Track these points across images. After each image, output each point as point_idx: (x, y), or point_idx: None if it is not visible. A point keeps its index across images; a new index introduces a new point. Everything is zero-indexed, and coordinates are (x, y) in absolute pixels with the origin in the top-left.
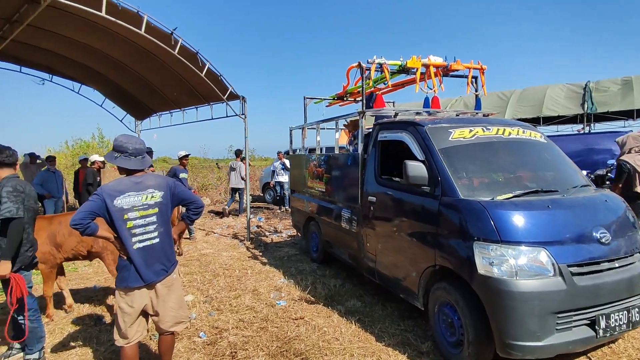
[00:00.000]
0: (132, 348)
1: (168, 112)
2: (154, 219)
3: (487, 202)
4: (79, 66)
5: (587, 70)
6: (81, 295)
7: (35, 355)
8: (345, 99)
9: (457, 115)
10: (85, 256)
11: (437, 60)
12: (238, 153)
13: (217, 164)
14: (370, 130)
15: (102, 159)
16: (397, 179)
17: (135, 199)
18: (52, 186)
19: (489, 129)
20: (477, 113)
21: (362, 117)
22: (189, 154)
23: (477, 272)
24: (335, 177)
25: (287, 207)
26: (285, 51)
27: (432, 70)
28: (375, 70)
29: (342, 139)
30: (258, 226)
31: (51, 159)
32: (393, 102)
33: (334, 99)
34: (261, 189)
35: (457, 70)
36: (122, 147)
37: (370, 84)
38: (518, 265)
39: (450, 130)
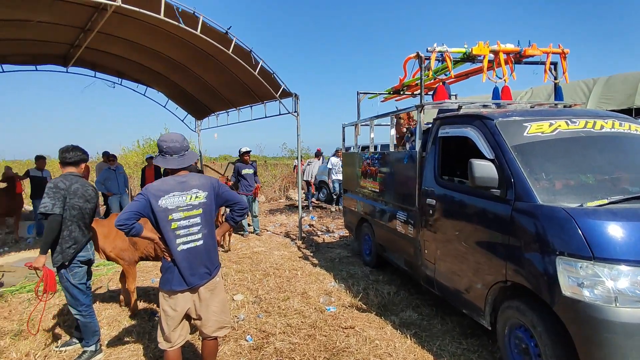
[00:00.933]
0: (175, 352)
1: (225, 111)
2: (197, 220)
3: (575, 209)
4: (145, 69)
5: None
6: (139, 289)
7: (92, 348)
8: (402, 92)
9: (531, 107)
10: (155, 257)
11: (508, 46)
12: (317, 153)
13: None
14: (430, 125)
15: None
16: (460, 179)
17: (180, 199)
18: (112, 184)
19: (575, 122)
20: (556, 104)
21: (421, 111)
22: (250, 150)
23: (562, 294)
24: (390, 176)
25: (340, 206)
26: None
27: (502, 57)
28: (436, 60)
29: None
30: (310, 225)
31: (111, 157)
32: (455, 95)
33: (389, 93)
34: (315, 187)
35: (532, 55)
36: (159, 146)
37: (430, 75)
38: (618, 288)
39: (526, 124)
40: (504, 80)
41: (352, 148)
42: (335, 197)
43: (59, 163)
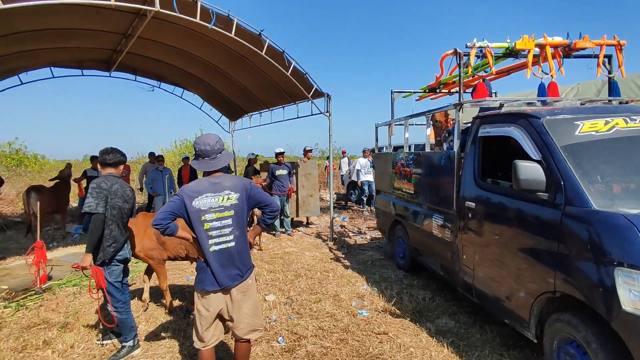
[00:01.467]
0: (209, 352)
1: (257, 112)
2: (229, 221)
3: (637, 216)
4: (182, 72)
5: None
6: (175, 286)
7: (130, 343)
8: (438, 90)
9: (582, 104)
10: (184, 257)
11: (556, 39)
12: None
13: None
14: (469, 125)
15: None
16: (503, 182)
17: (212, 200)
18: (158, 185)
19: (635, 120)
20: (610, 101)
21: (459, 110)
22: (284, 151)
23: (621, 309)
24: (426, 178)
25: (372, 207)
26: (370, 43)
27: (549, 50)
28: (476, 56)
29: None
30: (342, 226)
31: (159, 158)
32: (495, 92)
33: (425, 91)
34: (345, 188)
35: (583, 48)
36: (194, 148)
37: (470, 72)
38: None
39: (577, 123)
40: (551, 75)
41: (384, 148)
42: (364, 198)
43: (99, 164)
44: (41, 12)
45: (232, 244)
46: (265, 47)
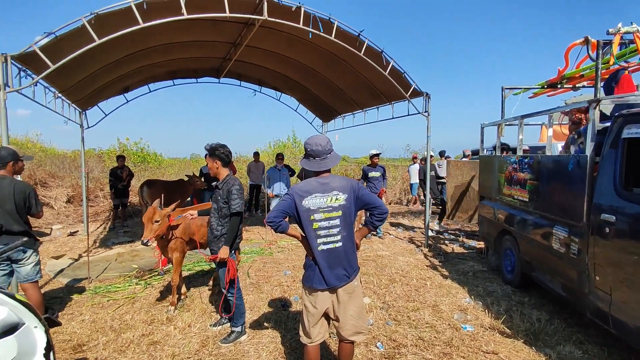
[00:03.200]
0: (315, 348)
1: (350, 113)
2: (337, 222)
3: None
4: (280, 76)
5: None
6: (274, 279)
7: (239, 329)
8: (560, 86)
9: None
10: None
11: None
12: (442, 153)
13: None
14: (608, 124)
15: None
16: None
17: (321, 200)
18: (275, 182)
19: None
20: None
21: (595, 107)
22: (380, 153)
23: None
24: (546, 184)
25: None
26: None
27: None
28: (620, 43)
29: (544, 136)
30: (437, 232)
31: (279, 156)
32: (637, 85)
33: (542, 87)
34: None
35: None
36: (304, 149)
37: (612, 61)
38: None
39: None
40: None
41: (484, 150)
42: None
43: (220, 161)
44: (170, 28)
45: (340, 244)
46: (363, 48)
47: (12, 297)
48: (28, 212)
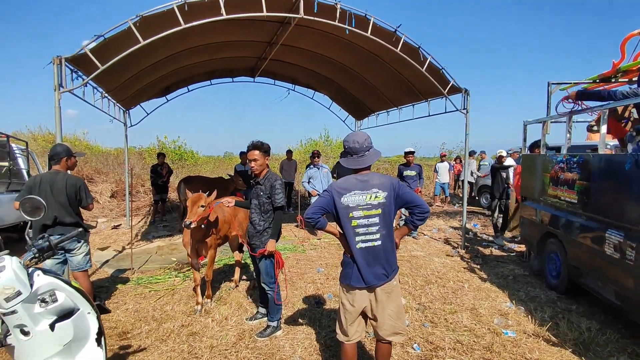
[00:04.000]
0: (352, 346)
1: (385, 111)
2: (376, 220)
3: None
4: (313, 74)
5: None
6: (307, 276)
7: (275, 324)
8: (614, 80)
9: None
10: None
11: None
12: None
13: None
14: None
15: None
16: None
17: (360, 197)
18: (316, 181)
19: None
20: None
21: None
22: (414, 151)
23: None
24: (598, 184)
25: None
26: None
27: None
28: None
29: (592, 135)
30: (474, 233)
31: (317, 155)
32: None
33: (594, 81)
34: (476, 192)
35: None
36: (344, 146)
37: None
38: None
39: None
40: None
41: (526, 149)
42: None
43: (264, 155)
44: (209, 29)
45: (379, 242)
46: (400, 44)
47: (68, 283)
48: (79, 204)
